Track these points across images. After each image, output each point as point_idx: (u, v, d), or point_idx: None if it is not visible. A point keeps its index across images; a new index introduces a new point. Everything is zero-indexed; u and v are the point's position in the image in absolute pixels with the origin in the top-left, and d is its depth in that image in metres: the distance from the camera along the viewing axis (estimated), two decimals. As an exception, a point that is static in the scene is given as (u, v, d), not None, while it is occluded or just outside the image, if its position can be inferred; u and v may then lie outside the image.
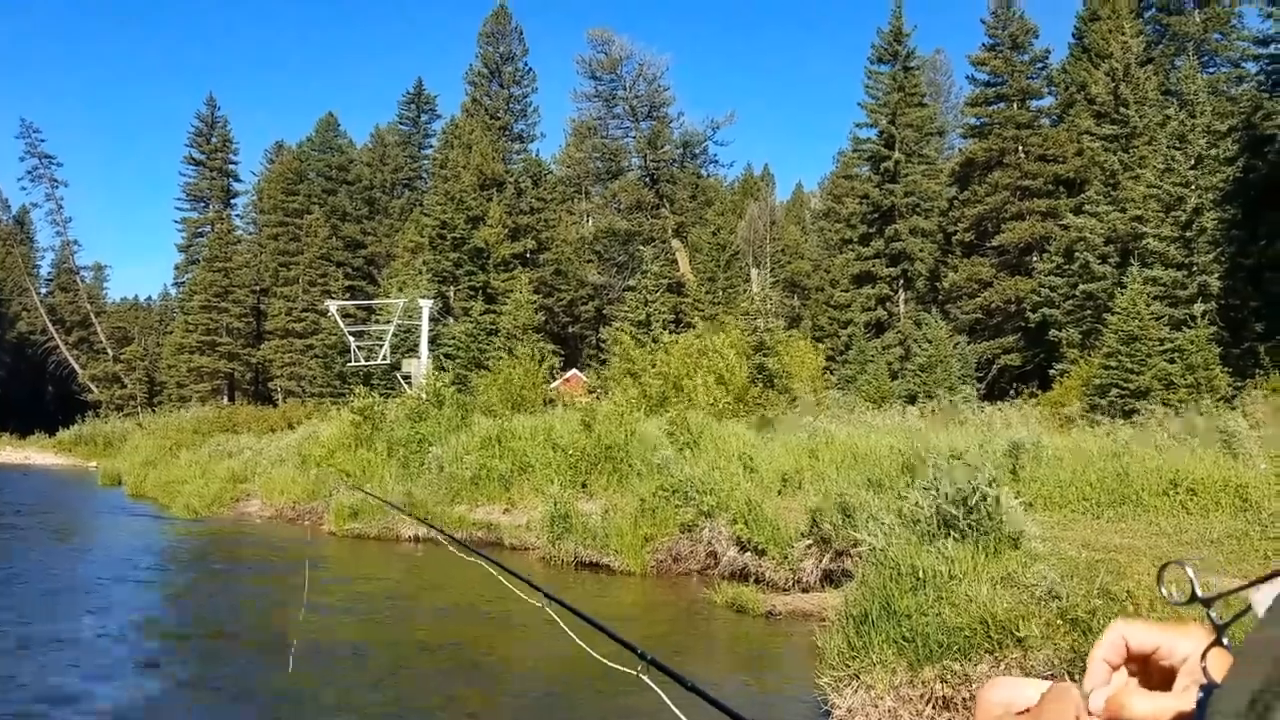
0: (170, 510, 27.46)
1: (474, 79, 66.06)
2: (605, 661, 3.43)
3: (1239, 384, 26.17)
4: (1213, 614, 0.85)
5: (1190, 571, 0.89)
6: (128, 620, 12.76)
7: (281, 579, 15.68)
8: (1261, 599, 0.75)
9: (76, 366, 78.82)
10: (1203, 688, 0.83)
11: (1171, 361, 27.00)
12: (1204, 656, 0.89)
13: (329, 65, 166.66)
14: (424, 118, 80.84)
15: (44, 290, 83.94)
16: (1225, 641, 0.83)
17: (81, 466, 49.25)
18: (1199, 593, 0.86)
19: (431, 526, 5.67)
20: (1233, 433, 15.42)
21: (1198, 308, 29.24)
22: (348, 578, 17.05)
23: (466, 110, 65.43)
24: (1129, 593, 7.31)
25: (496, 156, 61.66)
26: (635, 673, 2.98)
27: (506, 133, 65.87)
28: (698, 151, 67.58)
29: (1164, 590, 0.95)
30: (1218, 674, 0.76)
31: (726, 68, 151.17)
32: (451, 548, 5.42)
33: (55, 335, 79.24)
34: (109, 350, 79.93)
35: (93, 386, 76.03)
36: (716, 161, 71.77)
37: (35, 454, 56.60)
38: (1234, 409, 20.17)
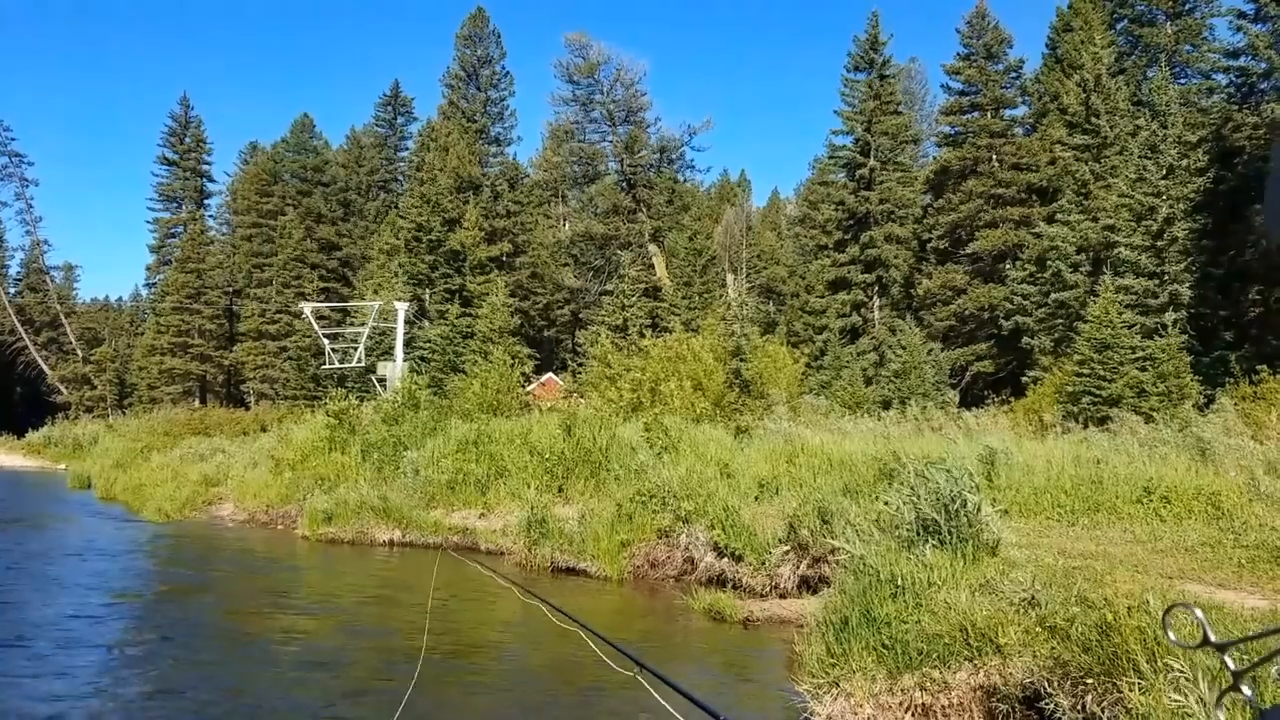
0: (141, 514, 27.16)
1: (451, 81, 65.85)
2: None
3: (1209, 392, 26.46)
4: (1228, 659, 0.84)
5: (1200, 615, 0.89)
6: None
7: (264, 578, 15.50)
8: None
9: (45, 368, 77.77)
10: None
11: (1143, 369, 27.27)
12: (1218, 704, 0.89)
13: (305, 66, 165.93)
14: (400, 120, 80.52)
15: (13, 290, 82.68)
16: (1245, 689, 0.82)
17: (50, 469, 48.57)
18: (1211, 637, 0.86)
19: (533, 595, 5.10)
20: (1208, 440, 15.59)
21: (1169, 316, 29.56)
22: (326, 583, 16.94)
23: (443, 113, 65.19)
24: (1107, 600, 7.38)
25: (473, 159, 61.45)
26: None
27: (483, 135, 65.66)
28: (675, 157, 67.57)
29: (1171, 635, 0.95)
30: None
31: (704, 74, 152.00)
32: (553, 618, 5.16)
33: (24, 336, 78.13)
34: (79, 351, 78.95)
35: (62, 388, 75.08)
36: (693, 167, 72.15)
37: (3, 456, 55.68)
38: (1204, 417, 20.38)
